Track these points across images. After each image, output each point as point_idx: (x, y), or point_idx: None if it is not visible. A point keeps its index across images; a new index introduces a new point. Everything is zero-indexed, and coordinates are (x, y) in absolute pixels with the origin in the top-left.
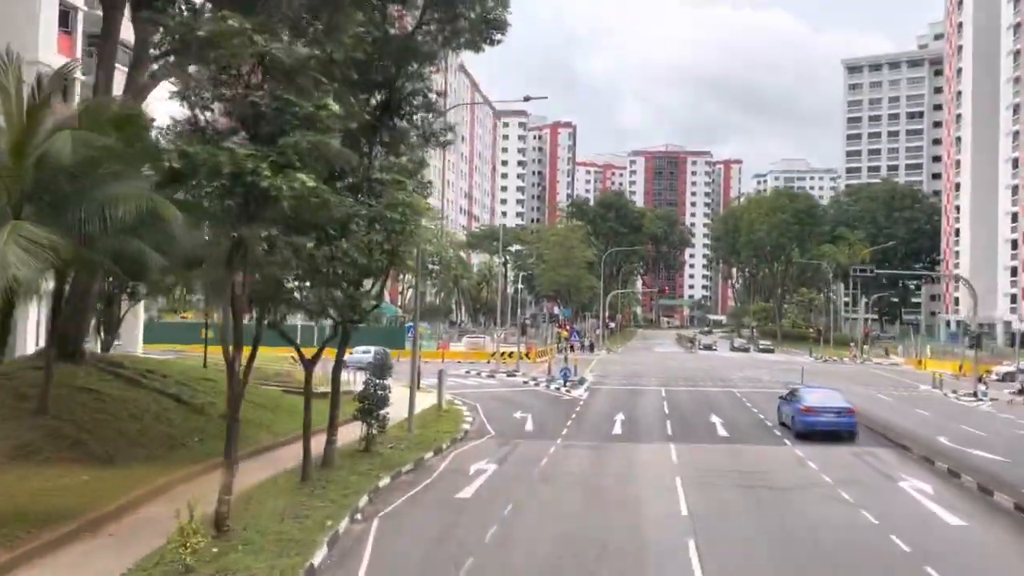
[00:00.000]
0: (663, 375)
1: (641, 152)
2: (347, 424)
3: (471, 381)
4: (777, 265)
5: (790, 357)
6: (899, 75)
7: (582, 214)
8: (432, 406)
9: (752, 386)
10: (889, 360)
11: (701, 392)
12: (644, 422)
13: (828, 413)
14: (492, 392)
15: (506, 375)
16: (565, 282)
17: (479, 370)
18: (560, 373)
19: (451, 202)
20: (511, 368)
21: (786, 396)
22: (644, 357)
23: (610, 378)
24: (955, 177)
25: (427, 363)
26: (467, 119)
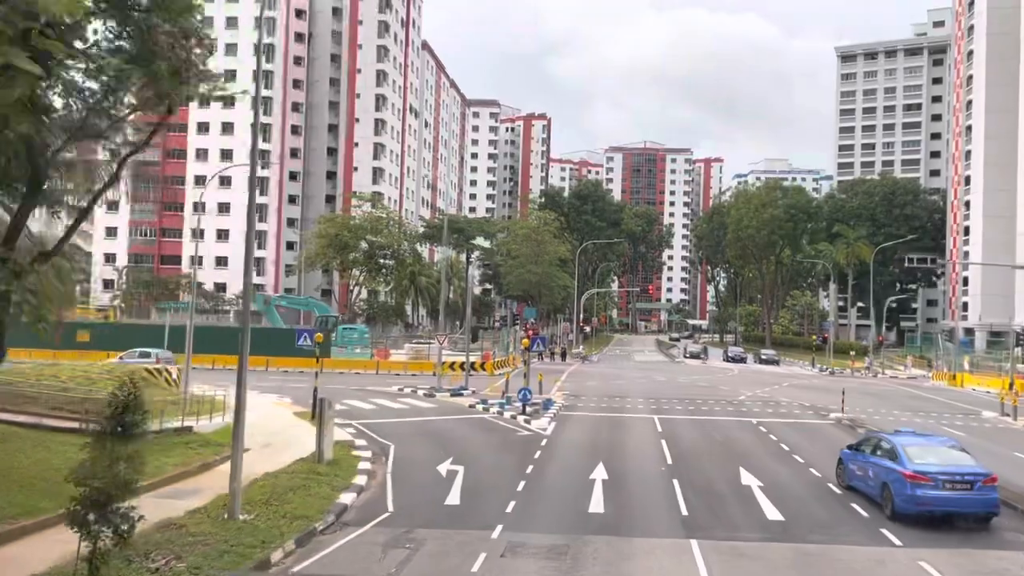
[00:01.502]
0: (652, 394)
1: (619, 149)
2: None
3: (399, 404)
4: (767, 265)
5: (791, 369)
6: (895, 64)
7: (555, 206)
8: (312, 455)
9: (774, 412)
10: (906, 373)
11: (709, 423)
12: (638, 484)
13: (954, 483)
14: (422, 423)
15: (450, 395)
16: (535, 281)
17: (418, 386)
18: (519, 395)
19: (411, 191)
20: (457, 386)
21: (860, 447)
22: (624, 368)
23: (585, 399)
24: (964, 170)
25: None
26: (431, 103)
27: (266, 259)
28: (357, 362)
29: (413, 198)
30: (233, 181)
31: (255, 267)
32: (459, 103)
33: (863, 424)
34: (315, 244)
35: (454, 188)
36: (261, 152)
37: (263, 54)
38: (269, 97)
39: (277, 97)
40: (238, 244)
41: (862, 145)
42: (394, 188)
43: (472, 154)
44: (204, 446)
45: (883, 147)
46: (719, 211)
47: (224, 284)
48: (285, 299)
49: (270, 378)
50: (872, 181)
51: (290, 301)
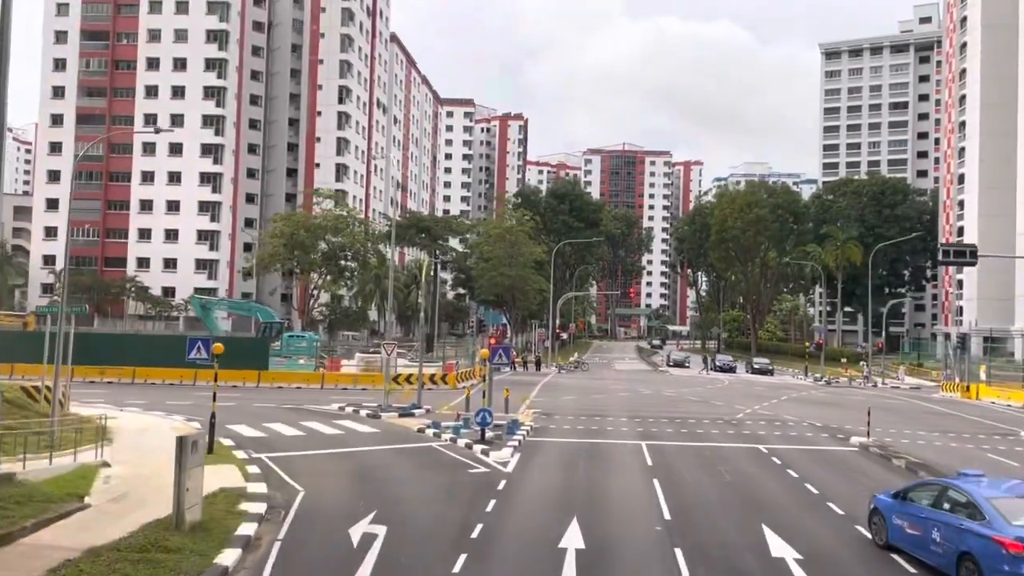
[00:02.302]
0: (637, 410)
1: (597, 151)
2: None
3: (333, 430)
4: (752, 268)
5: (784, 378)
6: (881, 61)
7: (531, 205)
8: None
9: (783, 436)
10: (902, 382)
11: (709, 451)
12: (627, 558)
13: None
14: (354, 456)
15: (398, 415)
16: (508, 284)
17: (364, 403)
18: (477, 418)
19: (378, 191)
20: (408, 404)
21: (909, 494)
22: (605, 378)
23: (559, 418)
24: (957, 167)
25: (294, 389)
26: (400, 99)
27: (220, 261)
28: (299, 375)
29: (381, 198)
30: (184, 177)
31: (206, 270)
32: (431, 101)
33: (896, 453)
34: (270, 244)
35: (426, 189)
36: (214, 146)
37: (217, 41)
38: (223, 88)
39: (232, 88)
40: (189, 245)
41: (847, 145)
42: (360, 187)
43: (446, 155)
44: (21, 504)
45: (869, 147)
46: (701, 212)
47: (173, 288)
48: (226, 303)
49: (194, 394)
50: (860, 181)
51: (231, 305)
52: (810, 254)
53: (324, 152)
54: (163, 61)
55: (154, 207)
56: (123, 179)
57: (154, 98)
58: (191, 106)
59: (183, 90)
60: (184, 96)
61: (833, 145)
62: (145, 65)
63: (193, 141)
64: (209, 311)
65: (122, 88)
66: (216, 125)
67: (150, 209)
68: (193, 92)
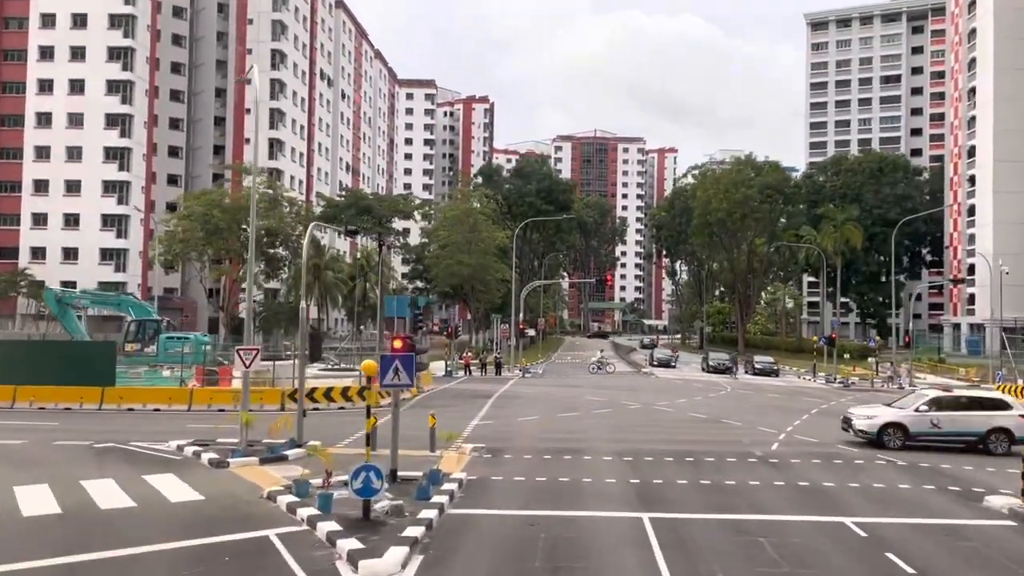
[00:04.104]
0: (625, 441)
1: (568, 137)
2: None
3: (119, 499)
4: (739, 255)
5: (791, 380)
6: (871, 31)
7: (494, 185)
8: None
9: (867, 493)
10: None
11: (765, 533)
12: None
13: None
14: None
15: (259, 460)
16: (468, 273)
17: (217, 439)
18: (355, 483)
19: (324, 173)
20: (283, 441)
21: None
22: (579, 384)
23: (508, 461)
24: (966, 139)
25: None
26: (349, 72)
27: (130, 251)
28: (160, 392)
29: (327, 180)
30: (84, 153)
31: (113, 261)
32: (387, 79)
33: None
34: (179, 228)
35: (381, 174)
36: (122, 117)
37: None
38: (131, 49)
39: (143, 51)
40: (92, 233)
41: (836, 123)
42: (299, 167)
43: (406, 139)
44: None
45: (859, 124)
46: (681, 195)
47: (74, 283)
48: (88, 296)
49: (69, 422)
50: (856, 157)
51: (95, 298)
52: (803, 237)
53: (255, 125)
54: (60, 17)
55: (51, 188)
56: (14, 156)
57: (49, 61)
58: (93, 70)
59: (83, 52)
60: (84, 59)
61: (820, 123)
62: (39, 22)
63: (96, 111)
64: (65, 306)
65: (11, 50)
66: (123, 92)
67: (46, 190)
68: (95, 54)
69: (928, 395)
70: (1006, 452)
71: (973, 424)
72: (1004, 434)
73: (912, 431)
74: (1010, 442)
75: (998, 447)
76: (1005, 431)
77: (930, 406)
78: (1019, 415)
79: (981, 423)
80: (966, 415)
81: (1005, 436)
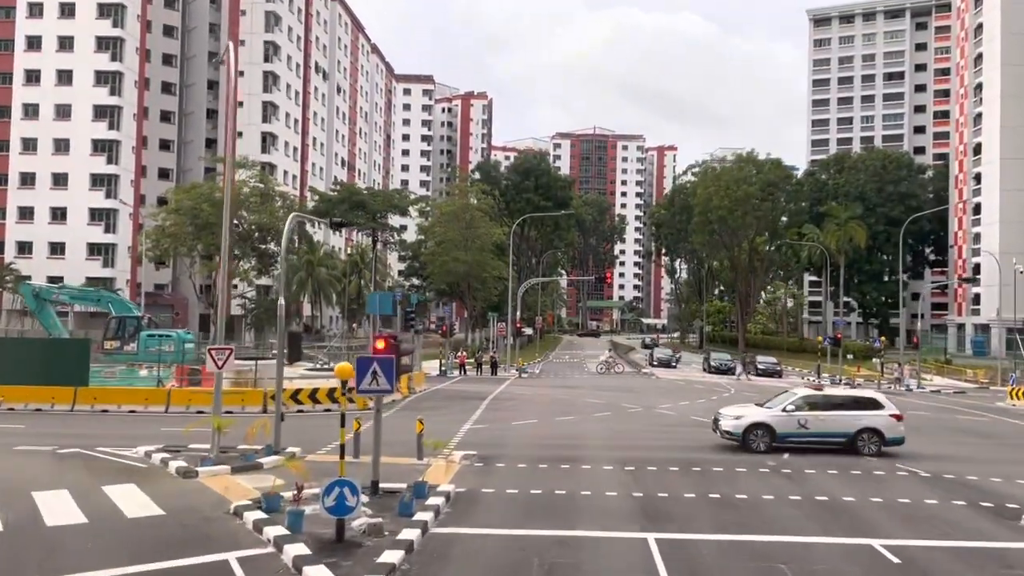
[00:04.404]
0: (626, 447)
1: (567, 135)
2: None
3: (60, 515)
4: (740, 253)
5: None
6: (874, 28)
7: (492, 181)
8: None
9: (890, 508)
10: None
11: (784, 557)
12: None
13: None
14: None
15: (231, 469)
16: (464, 271)
17: (189, 444)
18: (327, 499)
19: (319, 168)
20: (260, 447)
21: None
22: (577, 386)
23: (500, 471)
24: (972, 137)
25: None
26: (345, 66)
27: (118, 246)
28: (136, 392)
29: (322, 176)
30: (72, 145)
31: (101, 256)
32: (384, 74)
33: None
34: (169, 223)
35: (378, 170)
36: (110, 108)
37: None
38: (120, 39)
39: (132, 41)
40: (79, 227)
41: (838, 120)
42: (293, 161)
43: (403, 135)
44: None
45: (861, 121)
46: (681, 192)
47: (61, 278)
48: (67, 291)
49: (36, 425)
50: (860, 155)
51: (75, 294)
52: (806, 236)
53: (248, 119)
54: (47, 7)
55: (37, 181)
56: (0, 148)
57: (37, 51)
58: (81, 60)
59: (71, 41)
60: (72, 49)
61: (822, 120)
62: (27, 11)
63: (84, 102)
64: (42, 302)
65: None
66: (112, 83)
67: (33, 183)
68: (83, 44)
69: (797, 394)
70: (876, 453)
71: (842, 424)
72: (874, 434)
73: (779, 432)
74: (880, 443)
75: (867, 448)
76: (875, 431)
77: (798, 406)
78: (890, 415)
79: (850, 423)
80: (835, 415)
81: (875, 437)
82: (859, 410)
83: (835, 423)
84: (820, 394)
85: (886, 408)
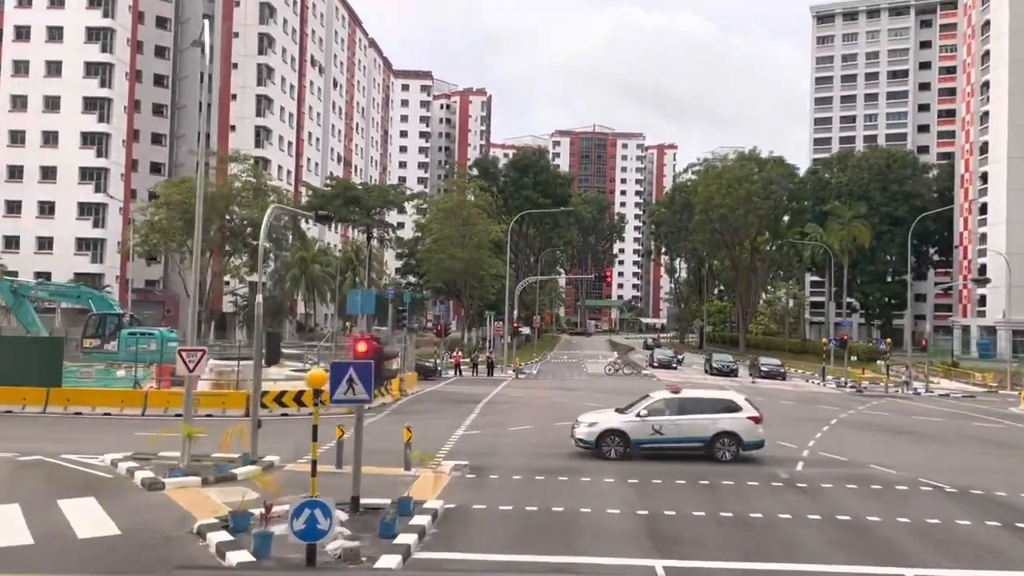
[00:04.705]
0: (626, 455)
1: (566, 132)
2: None
3: (9, 535)
4: (741, 252)
5: (799, 384)
6: (878, 25)
7: (489, 178)
8: None
9: (919, 532)
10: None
11: None
12: None
13: None
14: None
15: (202, 481)
16: (461, 268)
17: (159, 452)
18: (297, 522)
19: (314, 163)
20: (237, 455)
21: None
22: (576, 387)
23: (494, 483)
24: (978, 135)
25: (99, 416)
26: (342, 60)
27: (107, 241)
28: (112, 394)
29: (317, 171)
30: (61, 138)
31: (89, 251)
32: (382, 69)
33: None
34: (158, 217)
35: (375, 166)
36: (100, 101)
37: None
38: (110, 30)
39: (123, 32)
40: (68, 221)
41: (841, 118)
42: (288, 156)
43: (401, 132)
44: None
45: (864, 120)
46: (682, 191)
47: (48, 274)
48: (46, 286)
49: None
50: (863, 153)
51: (54, 290)
52: (808, 235)
53: (241, 112)
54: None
55: (25, 174)
56: None
57: (25, 41)
58: (70, 51)
59: (60, 32)
60: (62, 39)
61: (825, 119)
62: (15, 1)
63: (73, 94)
64: (21, 297)
65: None
66: (102, 75)
67: (20, 176)
68: (73, 34)
69: (653, 398)
70: (734, 458)
71: (698, 429)
72: (732, 439)
73: (633, 439)
74: (738, 447)
75: (724, 453)
76: (732, 435)
77: (651, 411)
78: (748, 417)
79: (706, 428)
80: (691, 419)
81: (733, 441)
82: (716, 413)
83: (690, 428)
84: (676, 397)
85: (744, 411)
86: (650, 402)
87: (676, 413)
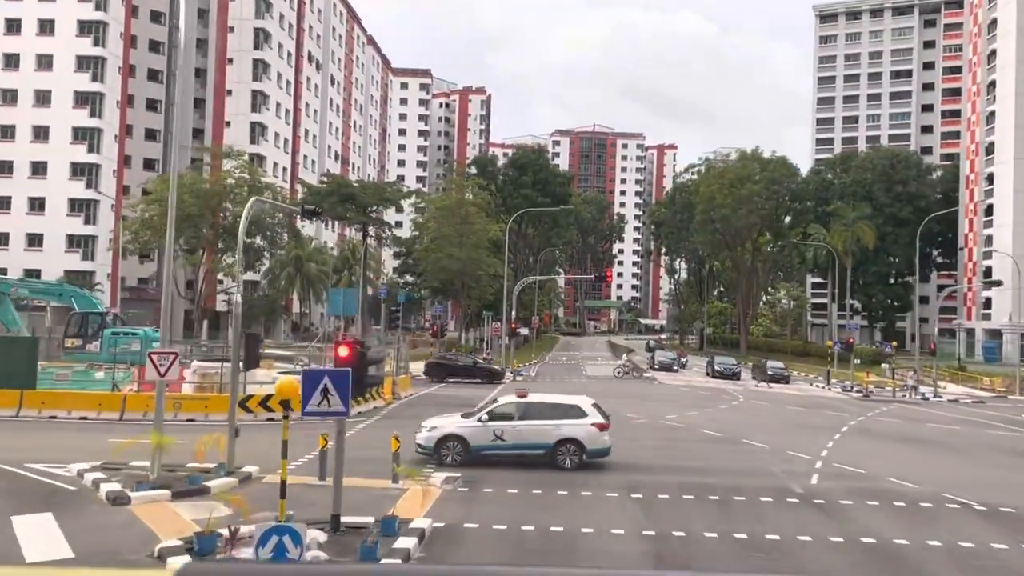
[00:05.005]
0: (630, 466)
1: (566, 132)
2: None
3: None
4: (743, 253)
5: (804, 387)
6: (882, 25)
7: (488, 176)
8: None
9: (955, 558)
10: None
11: None
12: None
13: None
14: None
15: (171, 495)
16: (458, 268)
17: (131, 462)
18: (263, 549)
19: (310, 161)
20: (212, 465)
21: None
22: (574, 392)
23: (488, 497)
24: (984, 136)
25: (76, 421)
26: (340, 57)
27: (98, 238)
28: (89, 397)
29: (314, 169)
30: (51, 133)
31: (80, 248)
32: (380, 66)
33: None
34: (147, 214)
35: (373, 164)
36: (92, 95)
37: None
38: (103, 23)
39: (116, 25)
40: (59, 218)
41: (843, 118)
42: (284, 153)
43: (400, 130)
44: None
45: (867, 120)
46: (683, 190)
47: (38, 271)
48: (27, 284)
49: None
50: (867, 154)
51: (35, 288)
52: (812, 236)
53: (236, 108)
54: None
55: (15, 170)
56: None
57: (16, 34)
58: (61, 44)
59: (51, 25)
60: (53, 32)
61: (827, 119)
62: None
63: (64, 88)
64: (4, 297)
65: None
66: (94, 68)
67: (10, 172)
68: (65, 27)
69: (498, 402)
70: (577, 466)
71: (539, 435)
72: (575, 445)
73: (473, 445)
74: (582, 454)
75: (567, 460)
76: (575, 442)
77: (493, 416)
78: (592, 424)
79: (548, 434)
80: (532, 425)
81: (576, 448)
82: (559, 419)
83: (532, 433)
84: (522, 402)
85: (589, 417)
86: (494, 407)
87: (517, 419)
